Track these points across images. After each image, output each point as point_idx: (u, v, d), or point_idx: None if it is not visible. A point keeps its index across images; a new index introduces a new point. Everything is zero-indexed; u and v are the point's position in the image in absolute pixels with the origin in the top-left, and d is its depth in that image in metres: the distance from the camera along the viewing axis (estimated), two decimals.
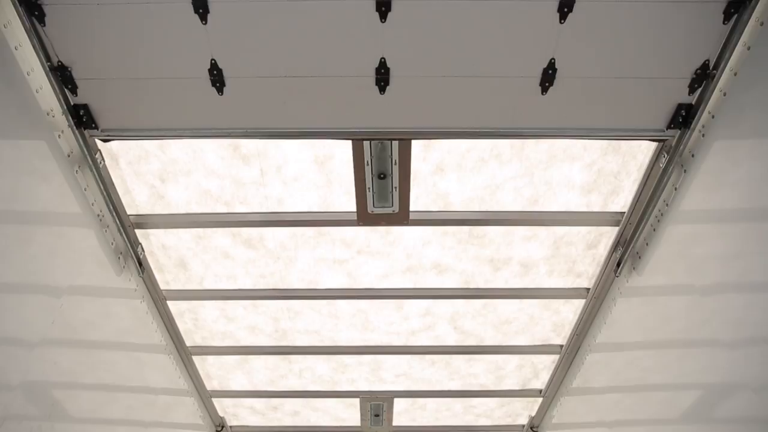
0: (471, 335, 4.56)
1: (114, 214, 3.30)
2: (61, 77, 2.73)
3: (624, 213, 3.45)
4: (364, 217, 3.45)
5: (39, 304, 2.88)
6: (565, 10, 2.51)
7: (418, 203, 3.43)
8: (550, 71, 2.71)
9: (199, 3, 2.49)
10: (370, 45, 2.64)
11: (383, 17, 2.54)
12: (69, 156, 2.94)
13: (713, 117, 2.75)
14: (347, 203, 3.43)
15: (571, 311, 4.28)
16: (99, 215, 3.26)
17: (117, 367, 3.74)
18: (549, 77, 2.73)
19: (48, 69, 2.66)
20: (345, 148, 3.12)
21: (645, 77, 2.74)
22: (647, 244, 3.36)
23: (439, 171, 3.27)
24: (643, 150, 3.15)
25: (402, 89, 2.78)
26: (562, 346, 4.61)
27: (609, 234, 3.62)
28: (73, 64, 2.70)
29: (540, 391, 5.22)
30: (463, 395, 5.35)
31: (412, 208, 3.41)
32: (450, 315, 4.35)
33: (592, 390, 4.39)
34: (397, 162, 3.14)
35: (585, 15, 2.53)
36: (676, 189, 3.05)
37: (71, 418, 3.28)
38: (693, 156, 2.90)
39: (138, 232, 3.59)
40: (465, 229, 3.61)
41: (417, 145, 3.12)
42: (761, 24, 2.44)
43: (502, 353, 4.76)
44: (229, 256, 3.79)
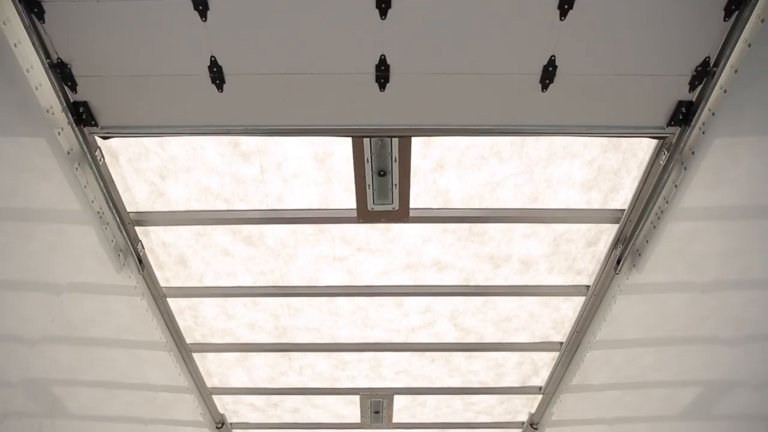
0: (471, 332, 4.56)
1: (114, 211, 3.30)
2: (61, 74, 2.72)
3: (624, 210, 3.45)
4: (364, 215, 3.45)
5: (39, 301, 2.88)
6: (566, 6, 2.50)
7: (418, 200, 3.43)
8: (550, 68, 2.70)
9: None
10: (370, 42, 2.63)
11: (383, 14, 2.54)
12: (69, 153, 2.94)
13: (713, 114, 2.75)
14: (347, 200, 3.43)
15: (571, 308, 4.28)
16: (99, 212, 3.26)
17: (117, 364, 3.74)
18: (549, 74, 2.72)
19: (47, 66, 2.65)
20: (345, 145, 3.12)
21: (645, 74, 2.73)
22: (647, 241, 3.36)
23: (439, 168, 3.27)
24: (644, 147, 3.14)
25: (402, 86, 2.78)
26: (562, 343, 4.62)
27: (609, 231, 3.62)
28: (73, 61, 2.69)
29: (540, 388, 5.22)
30: (463, 392, 5.36)
31: (412, 205, 3.41)
32: (450, 312, 4.36)
33: (591, 387, 4.40)
34: (397, 159, 3.14)
35: (585, 12, 2.52)
36: (676, 186, 3.05)
37: (71, 415, 3.29)
38: (693, 153, 2.90)
39: (138, 229, 3.59)
40: (465, 227, 3.61)
41: (417, 142, 3.12)
42: (762, 21, 2.43)
43: (502, 350, 4.76)
44: (229, 253, 3.79)
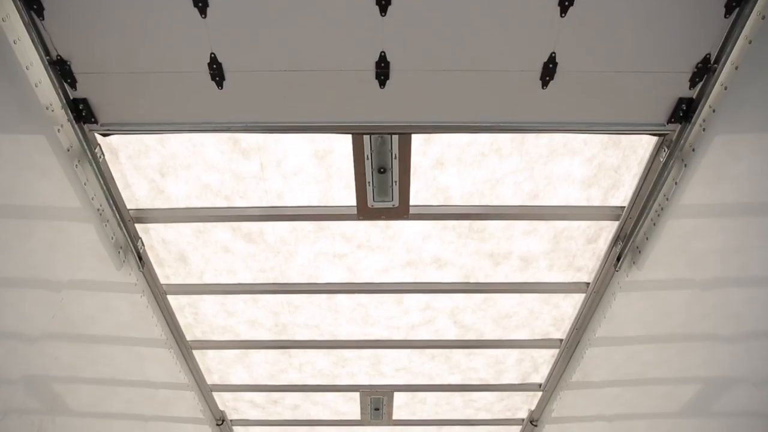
0: (471, 329, 4.56)
1: (114, 208, 3.30)
2: (60, 71, 2.72)
3: (624, 207, 3.45)
4: (364, 212, 3.45)
5: (39, 298, 2.88)
6: (566, 3, 2.49)
7: (418, 197, 3.43)
8: (550, 65, 2.70)
9: None
10: (370, 39, 2.62)
11: (383, 11, 2.53)
12: (68, 150, 2.93)
13: (714, 111, 2.74)
14: (347, 197, 3.43)
15: (571, 305, 4.28)
16: (99, 209, 3.26)
17: (117, 362, 3.74)
18: (549, 71, 2.72)
19: (47, 63, 2.64)
20: (345, 142, 3.11)
21: (646, 71, 2.73)
22: (647, 238, 3.36)
23: (439, 165, 3.26)
24: (644, 144, 3.14)
25: (402, 83, 2.77)
26: (561, 340, 4.62)
27: (609, 228, 3.62)
28: (72, 58, 2.69)
29: (540, 385, 5.23)
30: (463, 389, 5.36)
31: (412, 202, 3.41)
32: (450, 309, 4.36)
33: (591, 384, 4.40)
34: (397, 156, 3.14)
35: (586, 9, 2.52)
36: (676, 183, 3.04)
37: (72, 412, 3.29)
38: (693, 150, 2.89)
39: (138, 226, 3.59)
40: (465, 224, 3.61)
41: (417, 139, 3.11)
42: (763, 17, 2.43)
43: (501, 347, 4.76)
44: (229, 250, 3.80)
